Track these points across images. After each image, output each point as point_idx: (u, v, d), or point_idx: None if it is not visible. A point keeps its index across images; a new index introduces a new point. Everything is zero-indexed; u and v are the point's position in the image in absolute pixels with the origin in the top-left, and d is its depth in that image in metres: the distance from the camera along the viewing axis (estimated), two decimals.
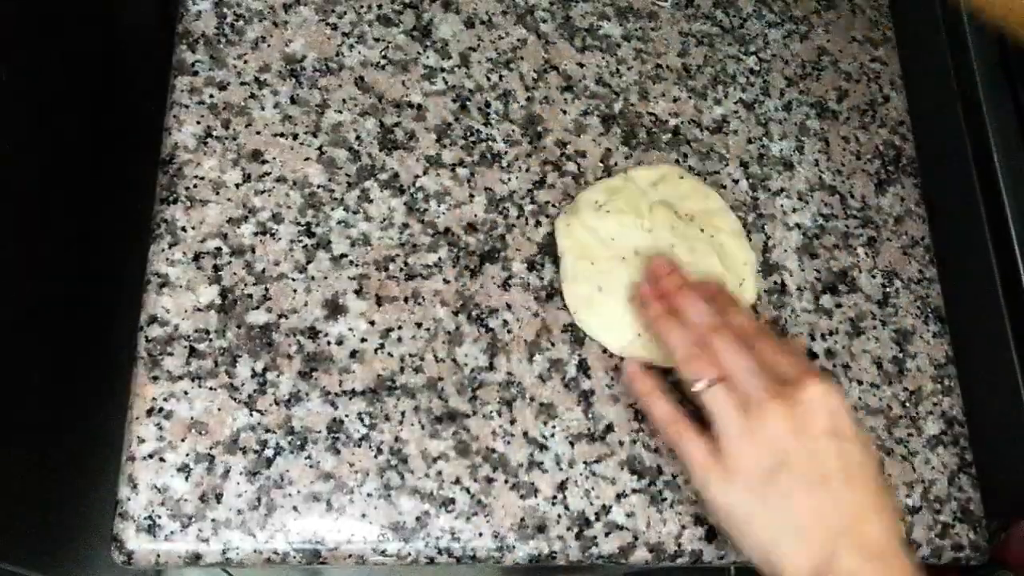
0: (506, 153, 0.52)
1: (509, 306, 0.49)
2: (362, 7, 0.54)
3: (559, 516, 0.46)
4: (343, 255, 0.48)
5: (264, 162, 0.49)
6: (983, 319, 0.56)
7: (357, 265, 0.48)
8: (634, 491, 0.47)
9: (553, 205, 0.52)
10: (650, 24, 0.58)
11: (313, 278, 0.47)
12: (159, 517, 0.42)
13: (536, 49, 0.56)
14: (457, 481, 0.45)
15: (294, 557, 0.43)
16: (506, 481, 0.45)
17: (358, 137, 0.51)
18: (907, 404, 0.52)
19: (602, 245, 0.50)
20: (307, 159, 0.50)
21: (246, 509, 0.43)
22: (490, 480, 0.45)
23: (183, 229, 0.47)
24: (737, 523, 0.41)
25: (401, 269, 0.48)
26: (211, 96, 0.50)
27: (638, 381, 0.46)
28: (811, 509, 0.40)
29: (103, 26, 0.71)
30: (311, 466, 0.44)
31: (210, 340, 0.45)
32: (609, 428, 0.48)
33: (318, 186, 0.49)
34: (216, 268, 0.46)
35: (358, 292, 0.47)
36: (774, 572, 0.40)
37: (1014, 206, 0.54)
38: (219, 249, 0.47)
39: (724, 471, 0.41)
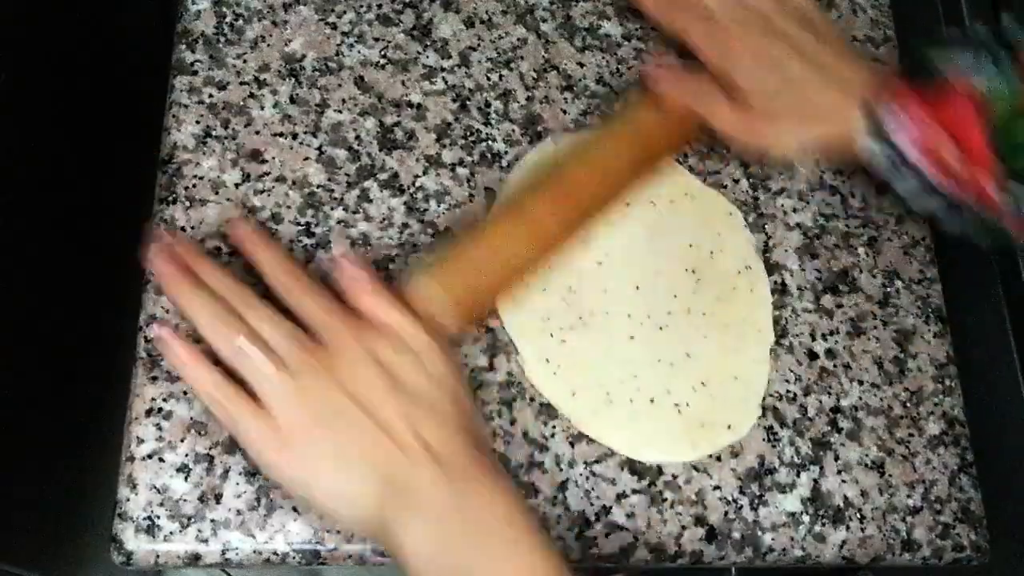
0: (506, 153, 0.52)
1: None
2: (362, 6, 0.54)
3: (559, 517, 0.45)
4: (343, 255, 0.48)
5: (263, 162, 0.49)
6: (984, 319, 0.56)
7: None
8: (634, 491, 0.47)
9: None
10: (650, 24, 0.58)
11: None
12: (158, 517, 0.42)
13: (536, 48, 0.55)
14: None
15: (293, 558, 0.43)
16: None
17: (358, 137, 0.51)
18: (908, 404, 0.52)
19: None
20: (306, 159, 0.50)
21: (245, 509, 0.43)
22: None
23: (182, 229, 0.47)
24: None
25: (401, 269, 0.48)
26: (210, 96, 0.50)
27: (174, 348, 0.41)
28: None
29: (102, 25, 0.71)
30: None
31: None
32: None
33: (317, 186, 0.49)
34: None
35: None
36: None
37: None
38: (218, 249, 0.47)
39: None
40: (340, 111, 0.51)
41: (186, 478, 0.43)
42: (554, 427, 0.47)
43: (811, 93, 0.50)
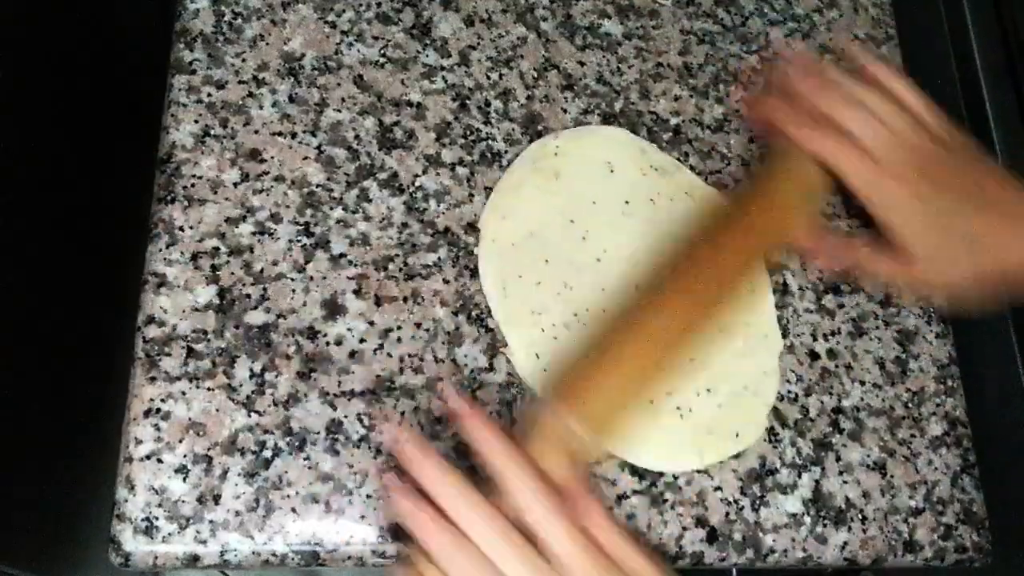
0: (506, 152, 0.52)
1: None
2: (361, 5, 0.54)
3: None
4: (342, 255, 0.48)
5: (262, 161, 0.49)
6: (986, 319, 0.56)
7: (356, 265, 0.48)
8: (635, 492, 0.46)
9: None
10: (651, 22, 0.58)
11: (312, 278, 0.47)
12: (157, 519, 0.42)
13: (536, 47, 0.55)
14: None
15: (292, 559, 0.43)
16: None
17: (357, 136, 0.50)
18: (910, 405, 0.52)
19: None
20: (306, 158, 0.49)
21: (244, 510, 0.42)
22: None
23: (181, 229, 0.47)
24: None
25: (400, 269, 0.48)
26: (209, 95, 0.50)
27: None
28: None
29: (102, 25, 0.71)
30: (310, 467, 0.44)
31: (208, 340, 0.45)
32: None
33: (317, 185, 0.49)
34: (214, 268, 0.46)
35: (357, 292, 0.47)
36: None
37: None
38: (217, 249, 0.47)
39: None
40: (339, 110, 0.51)
41: (184, 479, 0.42)
42: None
43: (968, 223, 0.47)
